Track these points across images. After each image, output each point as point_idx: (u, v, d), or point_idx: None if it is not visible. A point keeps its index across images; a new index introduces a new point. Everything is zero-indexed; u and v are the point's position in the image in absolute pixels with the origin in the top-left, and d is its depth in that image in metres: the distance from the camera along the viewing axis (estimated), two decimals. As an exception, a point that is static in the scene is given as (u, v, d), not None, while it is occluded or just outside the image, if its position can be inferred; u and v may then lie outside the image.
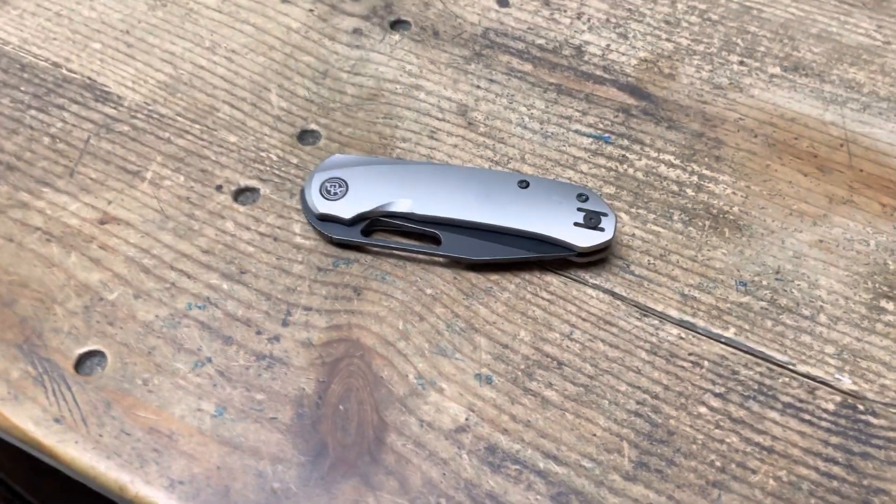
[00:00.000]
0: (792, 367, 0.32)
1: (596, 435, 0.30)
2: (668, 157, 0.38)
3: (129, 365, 0.31)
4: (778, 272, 0.34)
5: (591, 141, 0.38)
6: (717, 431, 0.30)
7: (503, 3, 0.44)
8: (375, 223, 0.34)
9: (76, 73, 0.40)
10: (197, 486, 0.28)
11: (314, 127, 0.38)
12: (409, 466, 0.29)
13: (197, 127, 0.38)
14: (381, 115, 0.39)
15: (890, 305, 0.33)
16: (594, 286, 0.34)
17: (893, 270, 0.34)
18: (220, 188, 0.36)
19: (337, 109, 0.39)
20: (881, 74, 0.41)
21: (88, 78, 0.40)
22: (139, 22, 0.42)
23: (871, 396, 0.31)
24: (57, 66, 0.40)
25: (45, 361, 0.31)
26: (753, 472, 0.29)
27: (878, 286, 0.34)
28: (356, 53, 0.41)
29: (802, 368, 0.32)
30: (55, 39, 0.41)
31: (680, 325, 0.33)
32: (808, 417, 0.31)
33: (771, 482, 0.29)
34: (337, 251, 0.34)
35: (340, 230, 0.34)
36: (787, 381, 0.31)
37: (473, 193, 0.34)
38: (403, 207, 0.34)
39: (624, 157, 0.38)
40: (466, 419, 0.30)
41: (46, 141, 0.37)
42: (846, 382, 0.31)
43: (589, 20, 0.44)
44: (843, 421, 0.30)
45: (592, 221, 0.33)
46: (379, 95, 0.40)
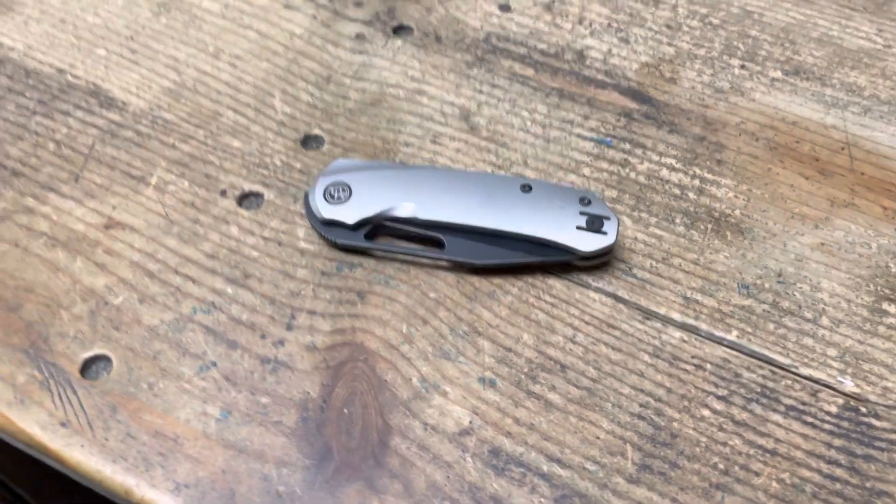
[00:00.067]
0: (794, 369, 0.32)
1: (599, 438, 0.30)
2: (669, 160, 0.38)
3: (134, 369, 0.31)
4: (780, 275, 0.34)
5: (593, 145, 0.39)
6: (720, 434, 0.30)
7: (505, 7, 0.44)
8: (379, 227, 0.35)
9: (81, 79, 0.40)
10: (202, 489, 0.28)
11: (318, 132, 0.39)
12: (413, 470, 0.29)
13: (201, 132, 0.38)
14: (384, 119, 0.39)
15: (892, 308, 0.34)
16: (597, 289, 0.34)
17: (895, 273, 0.34)
18: (224, 193, 0.36)
19: (340, 114, 0.39)
20: (882, 78, 0.41)
21: (93, 84, 0.40)
22: (143, 28, 0.42)
23: (873, 399, 0.31)
24: (62, 72, 0.40)
25: (50, 366, 0.31)
26: (757, 474, 0.29)
27: (879, 289, 0.34)
28: (359, 59, 0.42)
29: (805, 371, 0.32)
30: (60, 46, 0.42)
31: (683, 328, 0.33)
32: (810, 420, 0.31)
33: (774, 484, 0.29)
34: (341, 255, 0.34)
35: (344, 234, 0.34)
36: (789, 383, 0.31)
37: (476, 198, 0.34)
38: (407, 212, 0.34)
39: (626, 160, 0.38)
40: (470, 422, 0.30)
41: (52, 147, 0.37)
42: (849, 385, 0.31)
43: (590, 25, 0.44)
44: (845, 423, 0.31)
45: (595, 225, 0.33)
46: (382, 100, 0.40)
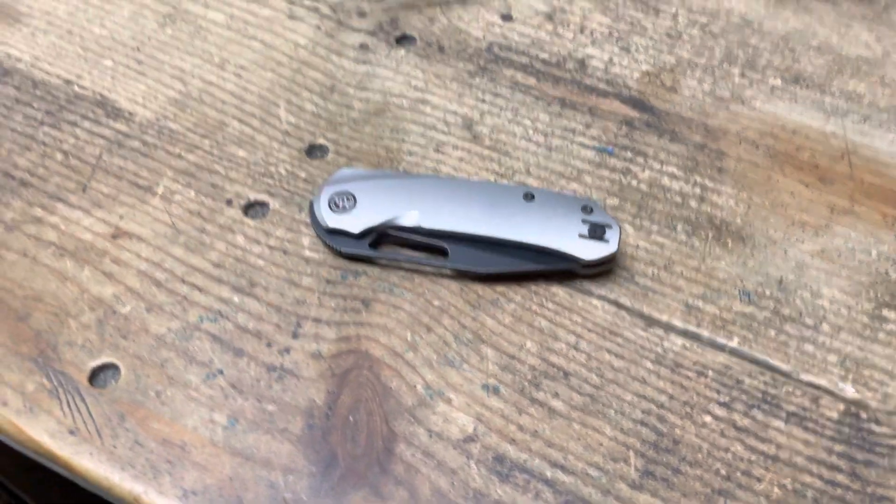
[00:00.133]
0: (795, 376, 0.32)
1: (602, 444, 0.30)
2: (671, 168, 0.38)
3: (142, 377, 0.31)
4: (781, 282, 0.35)
5: (594, 153, 0.39)
6: (722, 440, 0.30)
7: (507, 17, 0.45)
8: (383, 236, 0.35)
9: (88, 89, 0.41)
10: (210, 496, 0.29)
11: (322, 141, 0.39)
12: (418, 476, 0.29)
13: (207, 142, 0.39)
14: (387, 129, 0.40)
15: (892, 314, 0.34)
16: (599, 297, 0.34)
17: (895, 280, 0.35)
18: (230, 202, 0.36)
19: (344, 124, 0.40)
20: (881, 85, 0.42)
21: (100, 94, 0.40)
22: (149, 39, 0.43)
23: (873, 405, 0.31)
24: (69, 83, 0.41)
25: (59, 374, 0.31)
26: (758, 480, 0.30)
27: (879, 295, 0.34)
28: (363, 69, 0.42)
29: (806, 377, 0.32)
30: (67, 57, 0.42)
31: (684, 335, 0.33)
32: (811, 426, 0.31)
33: (776, 490, 0.29)
34: (345, 264, 0.35)
35: (349, 243, 0.35)
36: (790, 389, 0.32)
37: (480, 206, 0.35)
38: (411, 221, 0.34)
39: (627, 169, 0.38)
40: (474, 429, 0.31)
41: (59, 157, 0.38)
42: (849, 391, 0.32)
43: (591, 34, 0.44)
44: (846, 429, 0.31)
45: (597, 233, 0.34)
46: (385, 110, 0.40)
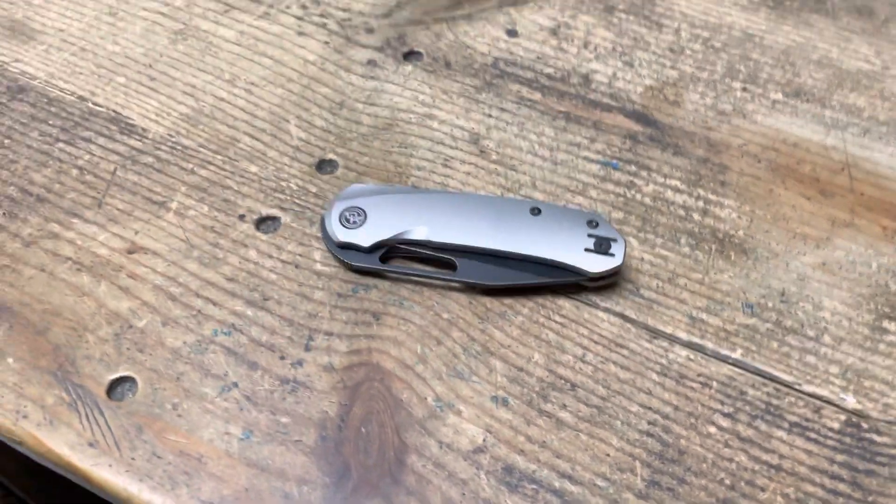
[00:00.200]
0: (798, 387, 0.33)
1: (609, 455, 0.31)
2: (674, 182, 0.39)
3: (158, 390, 0.32)
4: (783, 294, 0.35)
5: (599, 167, 0.40)
6: (726, 450, 0.31)
7: (512, 33, 0.46)
8: (393, 250, 0.36)
9: (102, 106, 0.41)
10: (226, 507, 0.29)
11: (332, 156, 0.40)
12: (429, 487, 0.30)
13: (219, 158, 0.39)
14: (396, 144, 0.40)
15: (892, 326, 0.34)
16: (605, 309, 0.35)
17: (895, 292, 0.35)
18: (242, 217, 0.37)
19: (353, 139, 0.40)
20: (881, 99, 0.43)
21: (114, 111, 0.41)
22: (161, 56, 0.44)
23: (874, 415, 0.32)
24: (83, 99, 0.42)
25: (78, 388, 0.32)
26: (762, 489, 0.30)
27: (880, 307, 0.35)
28: (371, 84, 0.43)
29: (808, 388, 0.33)
30: (81, 74, 0.43)
31: (689, 346, 0.34)
32: (814, 436, 0.32)
33: (779, 499, 0.30)
34: (356, 278, 0.35)
35: (359, 257, 0.35)
36: (793, 400, 0.32)
37: (487, 221, 0.35)
38: (420, 235, 0.35)
39: (632, 182, 0.39)
40: (484, 440, 0.31)
41: (75, 173, 0.39)
42: (850, 402, 0.32)
43: (595, 49, 0.45)
44: (847, 439, 0.32)
45: (603, 247, 0.34)
46: (394, 125, 0.41)
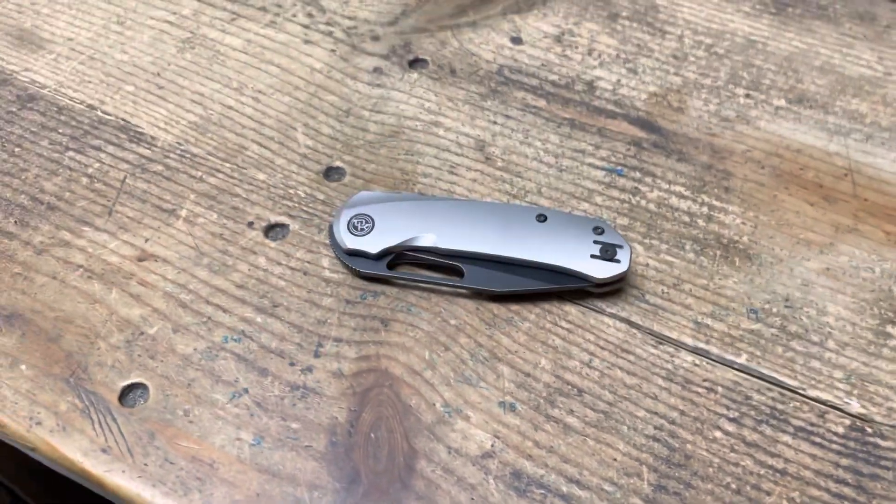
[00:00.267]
0: (802, 391, 0.33)
1: (616, 459, 0.31)
2: (678, 188, 0.39)
3: (170, 396, 0.32)
4: (787, 300, 0.36)
5: (604, 174, 0.40)
6: (732, 455, 0.31)
7: (517, 40, 0.46)
8: (401, 257, 0.36)
9: (111, 114, 0.42)
10: (238, 512, 0.30)
11: (339, 164, 0.40)
12: (438, 492, 0.30)
13: (227, 165, 0.40)
14: (402, 151, 0.41)
15: (895, 331, 0.35)
16: (611, 315, 0.35)
17: (898, 296, 0.36)
18: (251, 225, 0.38)
19: (360, 147, 0.41)
20: (883, 105, 0.43)
21: (123, 119, 0.42)
22: (169, 64, 0.44)
23: (878, 419, 0.32)
24: (92, 108, 0.42)
25: (90, 394, 0.32)
26: (768, 493, 0.31)
27: (883, 312, 0.35)
28: (377, 92, 0.43)
29: (812, 393, 0.33)
30: (90, 82, 0.43)
31: (694, 352, 0.34)
32: (818, 440, 0.32)
33: (784, 503, 0.30)
34: (364, 284, 0.36)
35: (367, 264, 0.36)
36: (798, 405, 0.33)
37: (494, 227, 0.36)
38: (427, 242, 0.36)
39: (636, 189, 0.39)
40: (492, 445, 0.32)
41: (85, 181, 0.39)
42: (855, 406, 0.33)
43: (599, 56, 0.45)
44: (852, 443, 0.32)
45: (608, 253, 0.35)
46: (400, 132, 0.42)
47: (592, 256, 0.35)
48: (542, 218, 0.36)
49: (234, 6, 0.47)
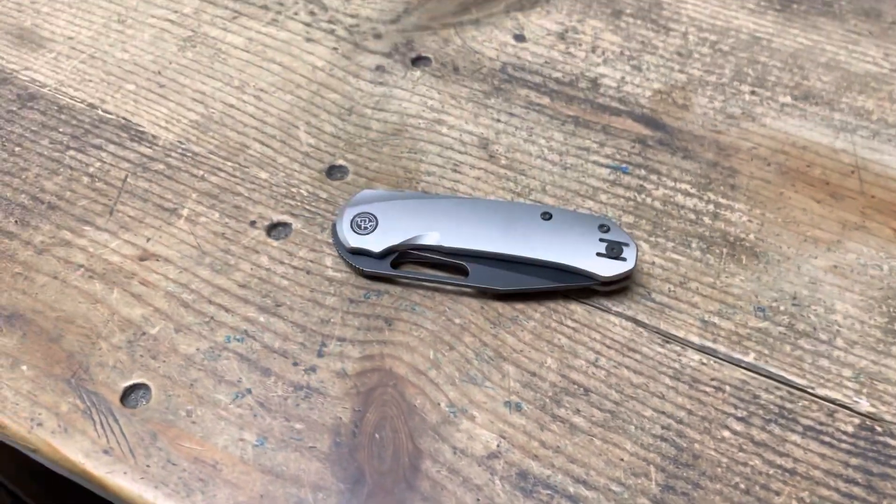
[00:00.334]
0: (811, 390, 0.33)
1: (623, 459, 0.31)
2: (684, 186, 0.39)
3: (172, 397, 0.32)
4: (795, 298, 0.35)
5: (609, 171, 0.40)
6: (740, 454, 0.31)
7: (520, 38, 0.46)
8: (404, 255, 0.36)
9: (111, 113, 0.41)
10: (241, 514, 0.29)
11: (342, 162, 0.40)
12: (444, 493, 0.30)
13: (229, 164, 0.39)
14: (405, 149, 0.40)
15: (904, 329, 0.34)
16: (617, 314, 0.35)
17: (907, 294, 0.36)
18: (253, 224, 0.37)
19: (363, 145, 0.41)
20: (889, 101, 0.43)
21: (123, 118, 0.41)
22: (170, 63, 0.44)
23: (888, 418, 0.32)
24: (93, 107, 0.42)
25: (92, 395, 0.32)
26: (777, 493, 0.30)
27: (892, 310, 0.35)
28: (379, 90, 0.43)
29: (821, 392, 0.33)
30: (90, 81, 0.43)
31: (701, 350, 0.34)
32: (828, 440, 0.32)
33: (794, 503, 0.30)
34: (368, 283, 0.36)
35: (371, 263, 0.35)
36: (806, 404, 0.32)
37: (498, 226, 0.36)
38: (431, 240, 0.35)
39: (642, 186, 0.39)
40: (498, 446, 0.31)
41: (86, 180, 0.39)
42: (864, 405, 0.32)
43: (603, 53, 0.45)
44: (862, 443, 0.31)
45: (614, 251, 0.34)
46: (403, 130, 0.41)
47: (598, 255, 0.35)
48: (546, 216, 0.36)
49: (235, 4, 0.47)
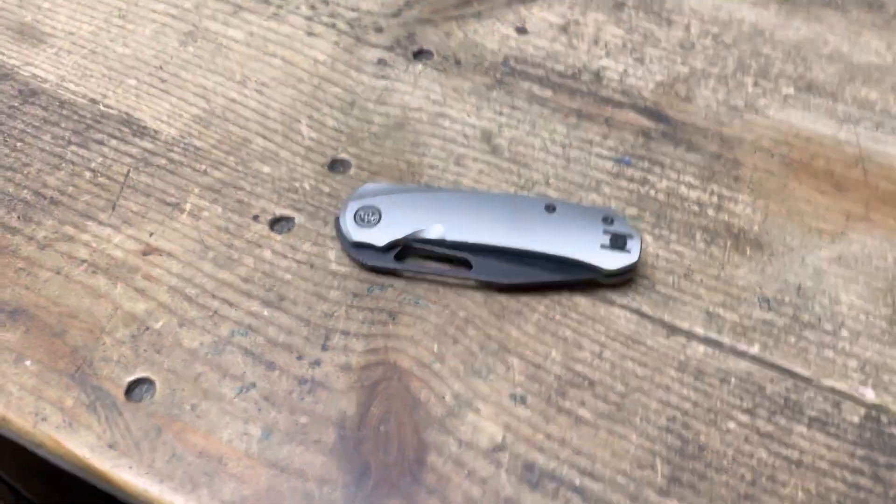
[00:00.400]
0: (816, 381, 0.33)
1: (629, 451, 0.31)
2: (688, 178, 0.39)
3: (177, 391, 0.32)
4: (799, 289, 0.35)
5: (612, 164, 0.40)
6: (746, 446, 0.31)
7: (522, 30, 0.46)
8: (408, 249, 0.36)
9: (113, 108, 0.41)
10: (246, 507, 0.29)
11: (344, 156, 0.40)
12: (449, 485, 0.30)
13: (232, 159, 0.39)
14: (408, 143, 0.40)
15: (909, 319, 0.34)
16: (621, 306, 0.35)
17: (912, 285, 0.35)
18: (256, 218, 0.37)
19: (365, 139, 0.40)
20: (892, 92, 0.42)
21: (125, 113, 0.41)
22: (172, 58, 0.44)
23: (894, 408, 0.32)
24: (94, 102, 0.42)
25: (96, 389, 0.32)
26: (783, 484, 0.30)
27: (897, 301, 0.35)
28: (381, 83, 0.43)
29: (827, 383, 0.33)
30: (92, 76, 0.43)
31: (706, 342, 0.34)
32: (833, 431, 0.31)
33: (800, 494, 0.30)
34: (371, 277, 0.35)
35: (375, 256, 0.35)
36: (812, 395, 0.32)
37: (502, 218, 0.35)
38: (435, 234, 0.35)
39: (645, 178, 0.39)
40: (503, 438, 0.31)
41: (88, 175, 0.39)
42: (870, 395, 0.32)
43: (606, 45, 0.45)
44: (867, 433, 0.31)
45: (618, 244, 0.34)
46: (405, 124, 0.41)
47: (602, 247, 0.34)
48: (550, 208, 0.36)
49: (236, -1, 0.47)
